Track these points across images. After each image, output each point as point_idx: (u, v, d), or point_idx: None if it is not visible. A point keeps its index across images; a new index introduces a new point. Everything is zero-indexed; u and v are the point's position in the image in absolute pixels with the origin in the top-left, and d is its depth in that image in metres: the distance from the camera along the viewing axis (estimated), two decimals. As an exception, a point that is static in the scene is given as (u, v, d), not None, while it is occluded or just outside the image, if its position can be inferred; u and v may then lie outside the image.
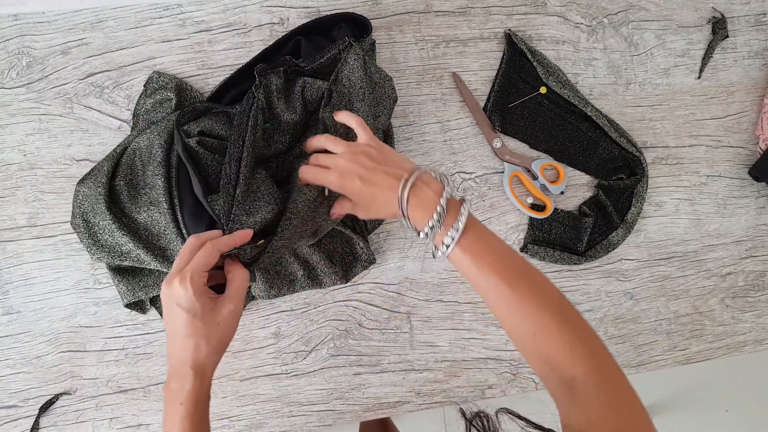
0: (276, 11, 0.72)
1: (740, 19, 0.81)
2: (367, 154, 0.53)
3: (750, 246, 0.79)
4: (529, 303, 0.46)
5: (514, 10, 0.76)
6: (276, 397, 0.69)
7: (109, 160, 0.64)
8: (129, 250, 0.63)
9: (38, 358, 0.66)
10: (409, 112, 0.73)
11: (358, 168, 0.52)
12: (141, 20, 0.70)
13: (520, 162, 0.74)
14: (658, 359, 0.76)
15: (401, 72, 0.73)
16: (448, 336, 0.72)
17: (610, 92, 0.77)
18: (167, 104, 0.67)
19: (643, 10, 0.79)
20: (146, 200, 0.63)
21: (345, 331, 0.70)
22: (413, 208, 0.50)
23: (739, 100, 0.80)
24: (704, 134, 0.79)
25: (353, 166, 0.52)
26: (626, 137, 0.75)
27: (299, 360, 0.69)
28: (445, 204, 0.49)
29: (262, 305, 0.69)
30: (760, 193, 0.79)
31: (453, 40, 0.75)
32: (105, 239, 0.63)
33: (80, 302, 0.67)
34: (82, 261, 0.67)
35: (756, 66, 0.81)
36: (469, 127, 0.74)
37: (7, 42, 0.68)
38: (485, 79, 0.75)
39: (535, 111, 0.75)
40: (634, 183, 0.74)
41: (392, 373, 0.71)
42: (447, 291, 0.72)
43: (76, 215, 0.63)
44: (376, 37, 0.73)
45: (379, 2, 0.73)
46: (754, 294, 0.79)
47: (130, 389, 0.67)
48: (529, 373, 0.73)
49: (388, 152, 0.54)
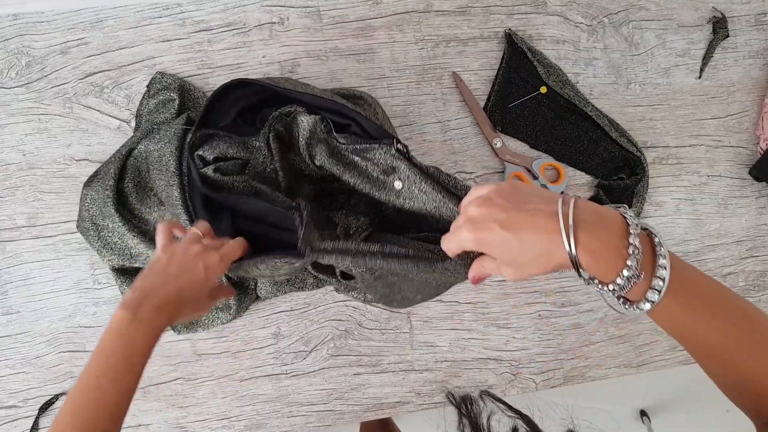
0: (276, 11, 0.71)
1: (741, 18, 0.80)
2: (500, 192, 0.41)
3: (750, 246, 0.79)
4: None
5: (514, 9, 0.76)
6: (276, 397, 0.69)
7: (114, 163, 0.64)
8: (139, 252, 0.63)
9: (38, 359, 0.66)
10: (409, 112, 0.73)
11: (494, 211, 0.39)
12: (141, 20, 0.69)
13: (521, 162, 0.74)
14: (658, 359, 0.76)
15: (401, 72, 0.73)
16: (448, 336, 0.72)
17: (610, 92, 0.77)
18: (170, 105, 0.67)
19: (644, 9, 0.79)
20: (156, 200, 0.63)
21: (345, 331, 0.70)
22: (587, 253, 0.36)
23: (740, 100, 0.80)
24: (705, 134, 0.79)
25: (486, 211, 0.40)
26: (627, 137, 0.75)
27: (299, 360, 0.69)
28: (641, 243, 0.36)
29: (262, 305, 0.69)
30: (761, 193, 0.79)
31: (453, 40, 0.74)
32: (115, 241, 0.63)
33: (80, 302, 0.67)
34: (81, 261, 0.67)
35: (756, 66, 0.80)
36: (470, 126, 0.74)
37: (7, 42, 0.68)
38: (485, 78, 0.75)
39: (536, 111, 0.75)
40: (635, 183, 0.74)
41: (392, 373, 0.71)
42: (447, 291, 0.72)
43: (85, 219, 0.63)
44: (376, 37, 0.73)
45: (379, 2, 0.73)
46: (755, 294, 0.78)
47: (130, 389, 0.67)
48: (529, 373, 0.73)
49: (522, 186, 0.42)
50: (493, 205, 0.40)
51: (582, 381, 0.74)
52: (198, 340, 0.68)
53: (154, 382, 0.67)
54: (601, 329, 0.75)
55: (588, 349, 0.74)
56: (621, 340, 0.75)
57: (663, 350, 0.76)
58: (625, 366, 0.75)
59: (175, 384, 0.68)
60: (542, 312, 0.73)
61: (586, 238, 0.36)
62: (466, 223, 0.41)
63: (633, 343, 0.75)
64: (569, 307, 0.74)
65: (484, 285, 0.72)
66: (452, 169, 0.73)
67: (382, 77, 0.73)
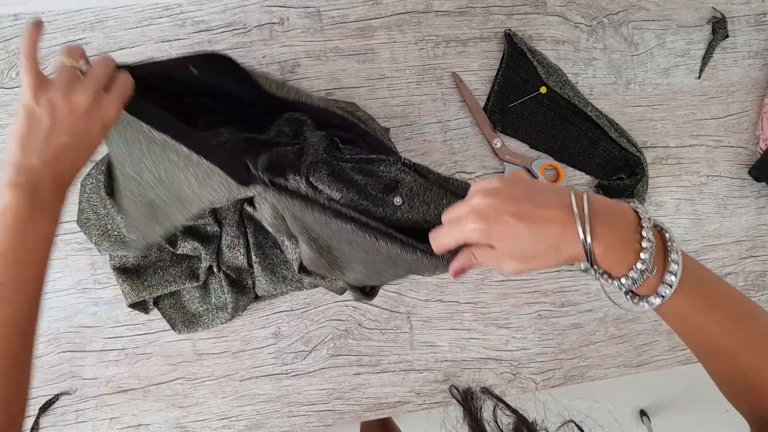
0: (276, 11, 0.72)
1: (740, 19, 0.81)
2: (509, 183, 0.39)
3: (750, 246, 0.79)
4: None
5: (514, 10, 0.76)
6: (276, 397, 0.69)
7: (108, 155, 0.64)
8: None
9: (38, 358, 0.66)
10: (409, 112, 0.73)
11: (505, 202, 0.37)
12: (141, 20, 0.70)
13: (521, 162, 0.74)
14: (658, 359, 0.76)
15: (401, 72, 0.73)
16: (448, 336, 0.72)
17: (610, 92, 0.77)
18: None
19: (643, 9, 0.79)
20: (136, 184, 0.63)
21: (345, 331, 0.70)
22: (601, 246, 0.36)
23: (740, 100, 0.80)
24: (704, 134, 0.79)
25: (496, 202, 0.38)
26: (626, 137, 0.75)
27: (299, 360, 0.69)
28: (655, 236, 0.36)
29: (262, 305, 0.69)
30: (760, 193, 0.79)
31: (453, 40, 0.74)
32: (110, 228, 0.63)
33: (80, 302, 0.67)
34: (82, 261, 0.67)
35: (756, 66, 0.81)
36: (469, 127, 0.74)
37: (7, 42, 0.68)
38: (485, 79, 0.75)
39: (536, 111, 0.75)
40: (635, 183, 0.74)
41: (392, 373, 0.71)
42: (447, 291, 0.72)
43: (85, 210, 0.63)
44: (376, 37, 0.73)
45: (379, 2, 0.73)
46: (755, 294, 0.78)
47: (130, 389, 0.67)
48: (529, 373, 0.73)
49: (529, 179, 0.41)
50: (503, 196, 0.38)
51: (582, 381, 0.74)
52: (198, 340, 0.68)
53: (154, 382, 0.67)
54: (601, 329, 0.75)
55: (588, 349, 0.74)
56: (621, 340, 0.75)
57: (663, 350, 0.76)
58: (625, 366, 0.75)
59: (176, 384, 0.68)
60: (542, 312, 0.74)
61: (601, 231, 0.36)
62: (472, 214, 0.38)
63: (633, 342, 0.75)
64: (569, 307, 0.74)
65: (484, 285, 0.73)
66: (452, 170, 0.73)
67: (382, 77, 0.73)
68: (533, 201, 0.37)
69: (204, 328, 0.67)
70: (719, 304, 0.39)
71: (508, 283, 0.73)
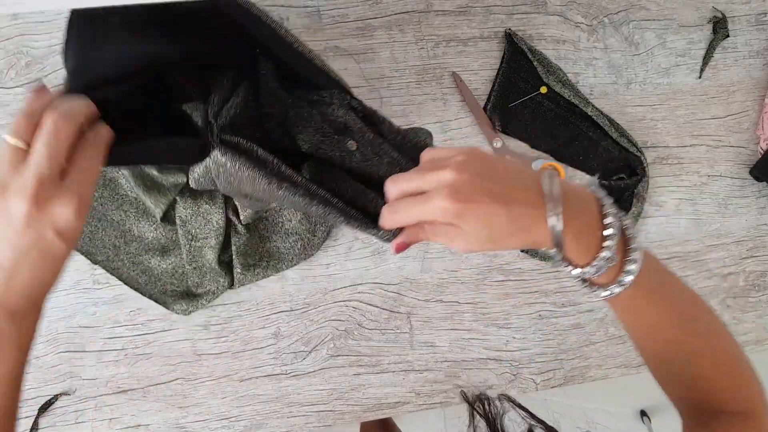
0: (276, 11, 0.71)
1: (741, 18, 0.80)
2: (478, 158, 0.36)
3: (751, 246, 0.79)
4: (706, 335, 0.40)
5: (514, 9, 0.76)
6: (276, 398, 0.69)
7: None
8: None
9: (37, 359, 0.66)
10: (409, 111, 0.73)
11: (480, 180, 0.34)
12: (140, 20, 0.69)
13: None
14: (658, 359, 0.76)
15: (401, 72, 0.73)
16: (448, 336, 0.72)
17: (610, 92, 0.77)
18: None
19: (644, 9, 0.78)
20: None
21: (345, 332, 0.70)
22: (569, 232, 0.34)
23: (740, 100, 0.80)
24: (705, 134, 0.79)
25: (470, 179, 0.34)
26: (627, 137, 0.75)
27: (299, 360, 0.69)
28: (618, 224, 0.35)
29: (262, 306, 0.69)
30: (761, 193, 0.79)
31: (453, 40, 0.74)
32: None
33: (79, 302, 0.67)
34: (81, 261, 0.67)
35: (757, 65, 0.80)
36: (470, 127, 0.74)
37: (7, 42, 0.68)
38: (485, 78, 0.75)
39: (536, 111, 0.75)
40: (635, 183, 0.74)
41: (392, 373, 0.71)
42: (447, 291, 0.72)
43: None
44: (376, 37, 0.73)
45: (379, 2, 0.73)
46: (755, 294, 0.78)
47: (130, 389, 0.67)
48: (530, 373, 0.73)
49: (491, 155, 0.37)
50: (475, 173, 0.34)
51: (582, 381, 0.74)
52: (198, 340, 0.68)
53: (153, 382, 0.67)
54: (601, 329, 0.74)
55: (588, 349, 0.74)
56: (621, 340, 0.75)
57: (663, 350, 0.76)
58: (626, 366, 0.75)
59: (175, 384, 0.68)
60: (542, 312, 0.73)
61: (570, 218, 0.34)
62: (444, 190, 0.34)
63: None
64: (569, 307, 0.74)
65: (484, 285, 0.72)
66: (452, 169, 0.73)
67: (382, 77, 0.73)
68: (506, 180, 0.35)
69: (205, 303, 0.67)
70: (668, 291, 0.38)
71: (508, 283, 0.73)
